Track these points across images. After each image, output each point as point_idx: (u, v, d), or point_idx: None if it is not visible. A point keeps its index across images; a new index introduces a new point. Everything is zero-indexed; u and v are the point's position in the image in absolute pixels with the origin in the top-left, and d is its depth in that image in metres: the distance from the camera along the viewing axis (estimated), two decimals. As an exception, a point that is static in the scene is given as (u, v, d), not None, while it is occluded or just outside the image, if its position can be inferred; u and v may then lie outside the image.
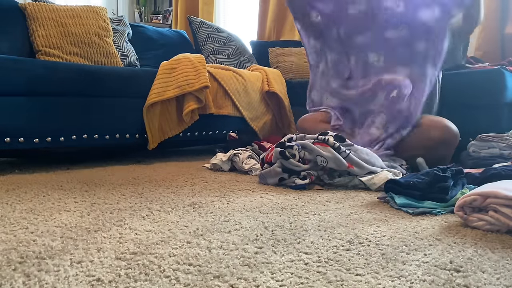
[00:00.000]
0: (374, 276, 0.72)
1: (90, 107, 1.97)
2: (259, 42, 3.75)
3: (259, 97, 2.59)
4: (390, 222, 1.07)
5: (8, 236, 0.92)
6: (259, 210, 1.18)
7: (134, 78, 2.14)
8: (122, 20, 2.79)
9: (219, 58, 3.10)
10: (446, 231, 0.99)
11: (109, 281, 0.69)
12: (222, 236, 0.94)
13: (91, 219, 1.06)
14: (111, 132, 2.05)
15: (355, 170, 1.53)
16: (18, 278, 0.70)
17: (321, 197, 1.36)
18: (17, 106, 1.77)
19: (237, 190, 1.46)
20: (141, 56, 2.80)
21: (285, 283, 0.69)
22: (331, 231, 0.98)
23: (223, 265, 0.76)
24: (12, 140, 1.75)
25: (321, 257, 0.81)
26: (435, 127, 1.79)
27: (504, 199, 0.97)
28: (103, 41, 2.40)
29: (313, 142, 1.56)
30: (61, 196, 1.33)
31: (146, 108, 2.09)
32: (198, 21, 3.24)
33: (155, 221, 1.05)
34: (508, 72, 2.09)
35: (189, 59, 2.28)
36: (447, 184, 1.21)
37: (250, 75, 2.60)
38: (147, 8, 5.20)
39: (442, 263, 0.79)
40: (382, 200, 1.31)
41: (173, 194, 1.39)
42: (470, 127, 2.00)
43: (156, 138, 2.15)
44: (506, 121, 2.08)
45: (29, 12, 2.27)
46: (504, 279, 0.72)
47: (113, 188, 1.47)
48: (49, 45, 2.24)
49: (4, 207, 1.17)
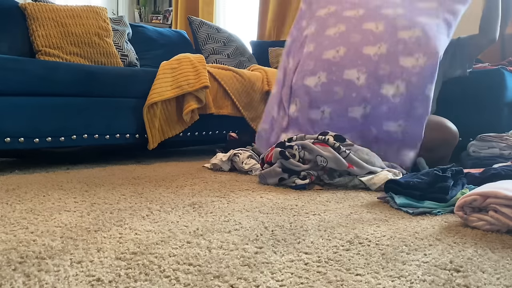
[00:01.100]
0: (374, 276, 0.72)
1: (90, 107, 1.97)
2: (259, 42, 3.75)
3: (259, 97, 2.59)
4: (390, 222, 1.07)
5: (8, 236, 0.92)
6: (259, 210, 1.18)
7: (134, 78, 2.14)
8: (122, 20, 2.79)
9: (219, 58, 3.10)
10: (446, 231, 0.99)
11: (109, 281, 0.69)
12: (222, 236, 0.94)
13: (91, 219, 1.06)
14: (111, 132, 2.05)
15: (355, 170, 1.53)
16: (18, 278, 0.70)
17: (321, 197, 1.36)
18: (17, 106, 1.77)
19: (237, 190, 1.46)
20: (141, 56, 2.80)
21: (285, 283, 0.69)
22: (331, 231, 0.98)
23: (223, 265, 0.76)
24: (12, 140, 1.75)
25: (321, 257, 0.81)
26: (435, 127, 1.79)
27: (504, 199, 0.97)
28: (103, 41, 2.40)
29: (313, 142, 1.56)
30: (61, 196, 1.33)
31: (146, 108, 2.09)
32: (198, 21, 3.24)
33: (155, 221, 1.05)
34: (508, 72, 2.09)
35: (189, 59, 2.28)
36: (447, 184, 1.21)
37: (250, 75, 2.60)
38: (147, 8, 5.21)
39: (442, 263, 0.79)
40: (382, 200, 1.31)
41: (173, 194, 1.39)
42: (470, 127, 2.00)
43: (156, 138, 2.15)
44: (506, 121, 2.09)
45: (29, 12, 2.27)
46: (504, 279, 0.72)
47: (113, 188, 1.47)
48: (49, 45, 2.24)
49: (4, 207, 1.17)
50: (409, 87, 1.69)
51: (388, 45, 1.76)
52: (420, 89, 1.68)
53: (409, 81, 1.69)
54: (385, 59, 1.74)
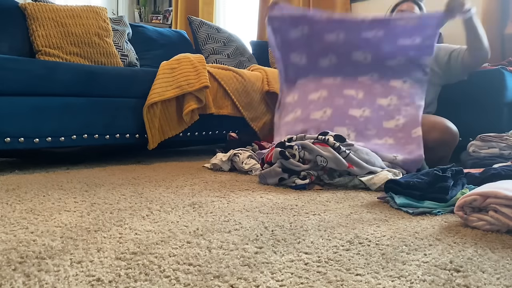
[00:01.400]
0: (374, 276, 0.72)
1: (90, 107, 1.97)
2: (259, 42, 3.75)
3: (259, 97, 2.59)
4: (390, 222, 1.07)
5: (8, 236, 0.92)
6: (259, 210, 1.18)
7: (134, 78, 2.14)
8: (122, 20, 2.79)
9: (219, 58, 3.10)
10: (446, 231, 0.99)
11: (109, 281, 0.69)
12: (222, 236, 0.94)
13: (91, 219, 1.06)
14: (111, 132, 2.05)
15: (355, 170, 1.53)
16: (18, 278, 0.70)
17: (321, 197, 1.36)
18: (17, 106, 1.77)
19: (237, 190, 1.46)
20: (141, 56, 2.80)
21: (285, 283, 0.69)
22: (331, 231, 0.98)
23: (223, 265, 0.76)
24: (12, 140, 1.75)
25: (321, 257, 0.81)
26: (435, 127, 1.79)
27: (504, 199, 0.97)
28: (103, 41, 2.40)
29: (313, 142, 1.56)
30: (61, 196, 1.33)
31: (146, 108, 2.09)
32: (198, 21, 3.24)
33: (155, 221, 1.05)
34: (508, 72, 2.09)
35: (189, 59, 2.28)
36: (447, 184, 1.21)
37: (250, 75, 2.60)
38: (147, 8, 5.20)
39: (442, 263, 0.79)
40: (382, 200, 1.31)
41: (173, 194, 1.39)
42: (470, 127, 2.00)
43: (156, 138, 2.15)
44: (506, 121, 2.08)
45: (29, 12, 2.27)
46: (504, 279, 0.72)
47: (113, 188, 1.47)
48: (49, 45, 2.24)
49: (4, 207, 1.17)
50: (397, 139, 1.79)
51: (371, 110, 1.88)
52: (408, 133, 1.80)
53: (395, 136, 1.80)
54: (370, 122, 1.85)
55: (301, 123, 1.90)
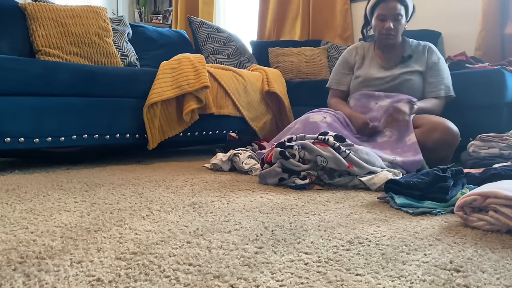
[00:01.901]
0: (374, 276, 0.72)
1: (90, 107, 1.97)
2: (259, 42, 3.75)
3: (259, 97, 2.59)
4: (390, 222, 1.07)
5: (8, 236, 0.92)
6: (259, 210, 1.18)
7: (134, 78, 2.14)
8: (122, 20, 2.79)
9: (219, 58, 3.10)
10: (446, 231, 0.99)
11: (109, 281, 0.69)
12: (222, 236, 0.94)
13: (91, 219, 1.06)
14: (111, 132, 2.05)
15: (355, 170, 1.53)
16: (18, 278, 0.70)
17: (321, 197, 1.36)
18: (17, 106, 1.77)
19: (237, 190, 1.46)
20: (141, 56, 2.80)
21: (285, 283, 0.69)
22: (331, 231, 0.98)
23: (223, 265, 0.76)
24: (12, 140, 1.75)
25: (321, 257, 0.81)
26: (436, 128, 1.79)
27: (504, 199, 0.97)
28: (103, 41, 2.40)
29: (313, 142, 1.56)
30: (61, 196, 1.33)
31: (146, 108, 2.09)
32: (198, 21, 3.24)
33: (155, 221, 1.05)
34: (508, 72, 2.09)
35: (189, 59, 2.28)
36: (447, 184, 1.21)
37: (250, 75, 2.60)
38: (147, 8, 5.20)
39: (442, 263, 0.79)
40: (382, 200, 1.31)
41: (173, 194, 1.39)
42: (470, 127, 2.00)
43: (156, 138, 2.15)
44: (506, 121, 2.08)
45: (29, 12, 2.27)
46: (504, 279, 0.72)
47: (113, 188, 1.47)
48: (49, 45, 2.24)
49: (4, 207, 1.17)
50: (393, 150, 1.82)
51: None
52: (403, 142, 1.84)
53: (392, 147, 1.84)
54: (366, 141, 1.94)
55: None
